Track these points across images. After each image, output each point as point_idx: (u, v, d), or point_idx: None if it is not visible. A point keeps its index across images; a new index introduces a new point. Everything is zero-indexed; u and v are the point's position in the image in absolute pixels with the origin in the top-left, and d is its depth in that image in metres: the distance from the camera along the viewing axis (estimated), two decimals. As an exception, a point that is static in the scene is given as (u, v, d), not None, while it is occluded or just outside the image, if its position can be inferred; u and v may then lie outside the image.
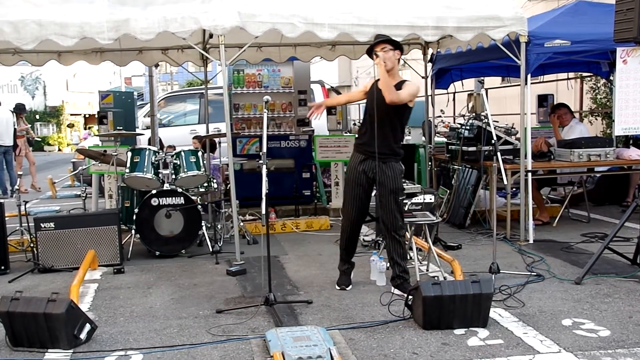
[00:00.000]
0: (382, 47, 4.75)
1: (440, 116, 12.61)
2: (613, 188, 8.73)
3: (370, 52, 4.83)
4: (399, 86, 4.76)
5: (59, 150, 30.70)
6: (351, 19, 6.00)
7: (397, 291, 4.82)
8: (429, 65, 8.84)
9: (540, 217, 7.50)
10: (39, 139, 14.84)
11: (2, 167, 12.23)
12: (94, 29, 5.64)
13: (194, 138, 9.25)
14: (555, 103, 8.82)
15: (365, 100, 5.05)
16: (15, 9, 5.64)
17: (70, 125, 31.44)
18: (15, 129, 12.34)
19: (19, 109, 13.28)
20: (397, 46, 4.81)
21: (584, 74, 11.59)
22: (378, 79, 4.83)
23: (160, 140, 10.56)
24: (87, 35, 5.66)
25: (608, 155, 7.04)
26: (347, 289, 5.03)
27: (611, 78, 8.71)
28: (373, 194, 5.01)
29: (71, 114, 33.61)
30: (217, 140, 7.53)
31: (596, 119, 12.58)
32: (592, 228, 7.17)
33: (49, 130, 32.06)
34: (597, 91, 12.17)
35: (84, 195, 7.14)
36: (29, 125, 13.73)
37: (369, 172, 4.84)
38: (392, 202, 4.81)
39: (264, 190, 4.40)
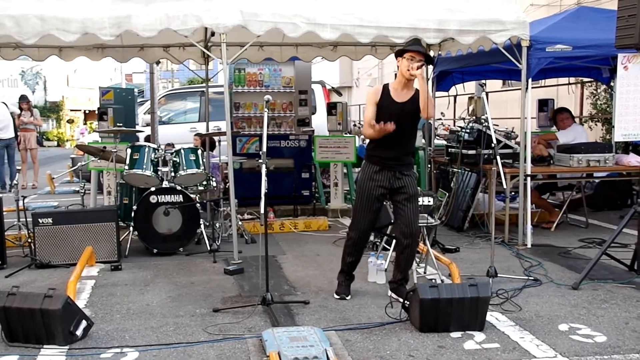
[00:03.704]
0: (420, 59, 4.53)
1: (440, 119, 12.62)
2: (612, 194, 8.73)
3: (400, 53, 4.60)
4: (416, 96, 4.64)
5: (58, 145, 30.67)
6: (353, 20, 6.01)
7: (394, 295, 4.79)
8: (430, 67, 8.83)
9: (551, 219, 7.57)
10: (38, 135, 14.57)
11: (3, 161, 12.19)
12: (95, 25, 5.64)
13: (195, 135, 9.25)
14: (556, 107, 8.82)
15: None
16: (17, 3, 5.63)
17: (70, 121, 31.39)
18: (14, 120, 12.19)
19: (20, 99, 13.16)
20: (429, 60, 4.75)
21: (585, 79, 11.59)
22: (386, 84, 4.75)
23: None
24: (89, 31, 5.66)
25: (607, 161, 7.05)
26: (347, 298, 4.87)
27: (612, 84, 8.71)
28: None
29: (71, 110, 33.56)
30: (216, 138, 7.52)
31: (596, 125, 12.59)
32: (590, 233, 7.17)
33: (48, 125, 32.01)
34: (597, 97, 12.17)
35: (83, 191, 7.14)
36: (32, 116, 13.30)
37: (386, 183, 4.68)
38: (415, 207, 4.74)
39: (263, 190, 4.41)
